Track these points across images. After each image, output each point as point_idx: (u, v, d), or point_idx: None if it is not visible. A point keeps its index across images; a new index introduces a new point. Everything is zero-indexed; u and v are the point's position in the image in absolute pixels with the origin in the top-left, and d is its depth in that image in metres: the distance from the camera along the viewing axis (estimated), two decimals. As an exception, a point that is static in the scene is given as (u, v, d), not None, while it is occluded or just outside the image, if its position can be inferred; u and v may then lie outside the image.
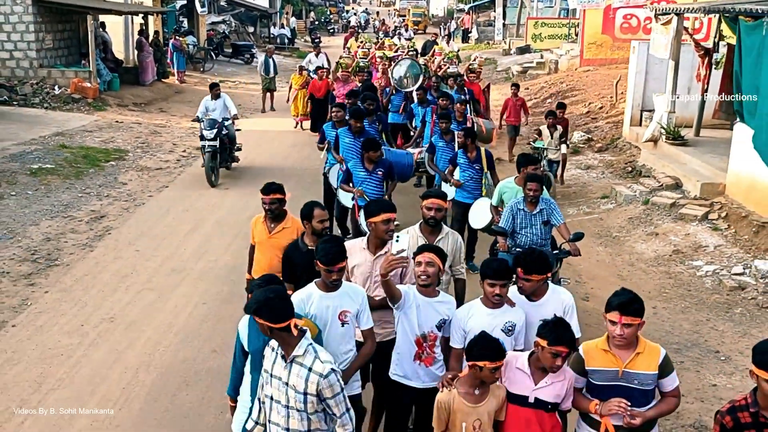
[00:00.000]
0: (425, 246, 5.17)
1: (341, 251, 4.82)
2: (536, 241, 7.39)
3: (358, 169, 8.85)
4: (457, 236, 6.16)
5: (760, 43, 10.24)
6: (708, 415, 6.54)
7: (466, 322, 4.90)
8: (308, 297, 4.89)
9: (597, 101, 20.24)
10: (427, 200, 6.05)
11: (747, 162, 10.80)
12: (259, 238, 6.61)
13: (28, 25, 20.38)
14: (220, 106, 14.33)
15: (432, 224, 6.01)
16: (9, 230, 10.94)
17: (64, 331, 8.01)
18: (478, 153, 9.57)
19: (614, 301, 4.26)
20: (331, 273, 4.78)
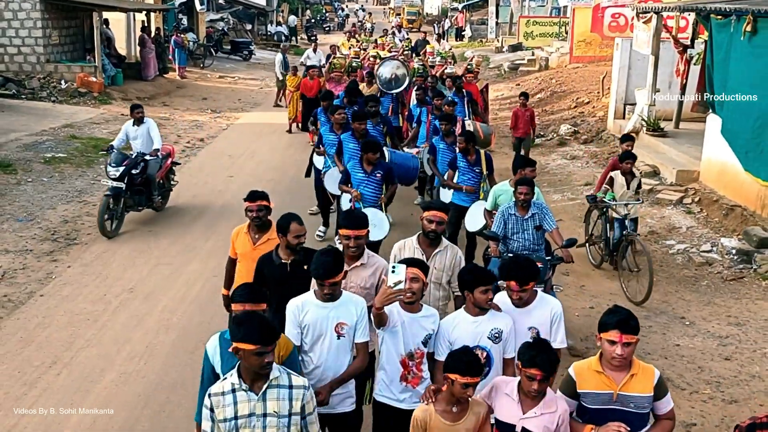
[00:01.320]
0: (408, 260, 4.88)
1: (336, 266, 4.66)
2: (529, 246, 7.24)
3: (357, 170, 8.69)
4: (456, 250, 5.92)
5: (729, 40, 11.06)
6: (670, 369, 7.34)
7: (451, 332, 4.78)
8: (303, 305, 4.76)
9: (584, 96, 21.06)
10: (429, 212, 5.78)
11: (718, 150, 11.61)
12: (242, 250, 6.36)
13: (36, 21, 21.11)
14: (143, 134, 11.47)
15: (432, 237, 5.78)
16: (28, 213, 11.68)
17: (89, 300, 8.78)
18: (477, 156, 9.31)
19: (612, 319, 4.07)
20: (323, 287, 4.67)
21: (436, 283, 5.78)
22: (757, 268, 9.46)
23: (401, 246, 5.90)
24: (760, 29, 10.21)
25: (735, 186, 11.14)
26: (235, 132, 19.16)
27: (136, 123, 11.53)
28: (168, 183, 12.18)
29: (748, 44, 10.48)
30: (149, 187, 11.33)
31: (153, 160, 11.34)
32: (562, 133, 17.40)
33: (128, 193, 10.93)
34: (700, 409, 6.68)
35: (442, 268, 5.78)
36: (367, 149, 8.60)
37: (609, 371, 4.14)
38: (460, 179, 9.35)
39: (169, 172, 12.15)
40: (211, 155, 16.38)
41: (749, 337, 7.97)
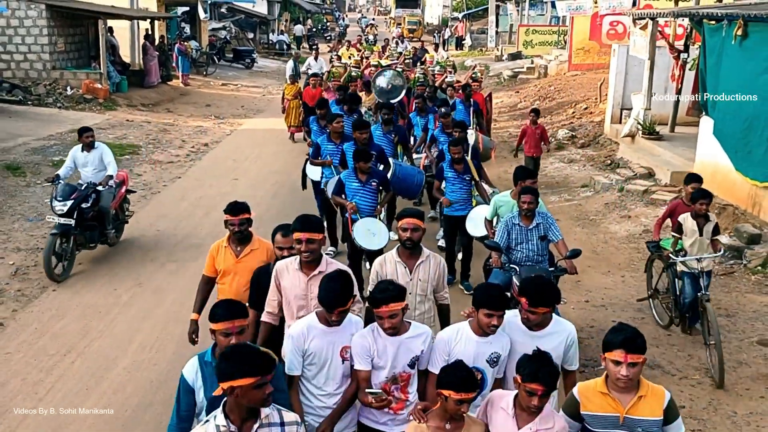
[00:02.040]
0: (386, 298, 4.38)
1: (345, 293, 4.40)
2: (532, 257, 7.04)
3: (351, 179, 8.45)
4: (439, 259, 5.72)
5: (721, 44, 11.38)
6: (661, 357, 7.64)
7: (452, 347, 4.53)
8: (308, 331, 4.52)
9: (583, 102, 21.39)
10: (402, 220, 5.61)
11: (711, 152, 11.90)
12: (224, 266, 6.05)
13: (42, 29, 21.48)
14: (95, 160, 10.03)
15: (409, 246, 5.57)
16: (38, 213, 11.98)
17: (100, 294, 9.08)
18: (465, 164, 9.23)
19: (616, 338, 3.85)
20: (330, 314, 4.41)
21: (421, 295, 5.63)
22: (747, 263, 9.75)
23: (381, 261, 5.67)
24: (750, 33, 10.53)
25: (727, 186, 11.44)
26: (238, 137, 19.48)
27: (85, 148, 10.02)
28: (122, 214, 10.85)
29: (738, 48, 10.80)
30: (102, 221, 9.97)
31: (106, 190, 9.95)
32: (560, 137, 17.72)
33: (78, 230, 9.61)
34: (689, 393, 6.96)
35: (426, 279, 5.60)
36: (358, 158, 8.38)
37: (615, 393, 3.91)
38: (449, 189, 9.20)
39: (123, 202, 10.82)
40: (215, 159, 16.71)
41: (738, 327, 8.25)
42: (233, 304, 4.31)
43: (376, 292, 4.43)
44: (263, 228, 11.32)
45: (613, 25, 26.31)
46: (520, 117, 22.10)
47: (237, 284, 5.92)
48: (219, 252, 6.11)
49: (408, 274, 5.56)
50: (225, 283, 6.06)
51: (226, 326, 4.13)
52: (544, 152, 14.13)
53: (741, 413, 6.61)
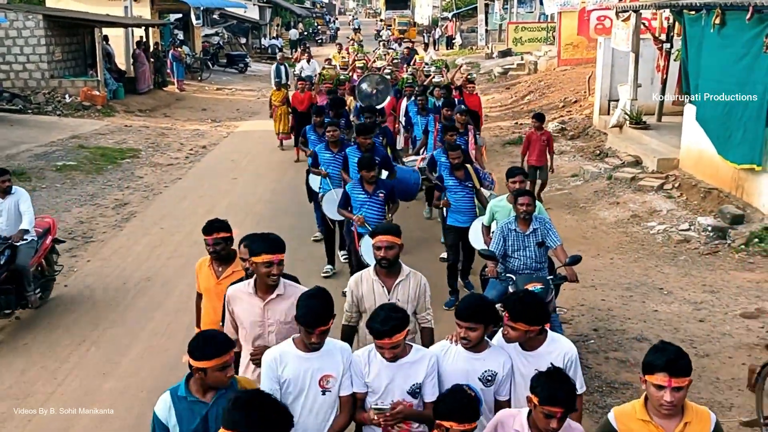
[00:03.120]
0: (392, 329, 4.05)
1: (327, 310, 4.10)
2: (531, 264, 6.73)
3: (357, 191, 8.01)
4: (420, 277, 5.28)
5: (701, 33, 11.80)
6: (648, 331, 8.01)
7: (441, 362, 4.29)
8: (281, 357, 4.16)
9: (572, 96, 21.82)
10: (375, 238, 5.20)
11: (696, 138, 12.30)
12: (205, 285, 5.83)
13: (40, 38, 21.84)
14: (11, 208, 8.39)
15: (385, 265, 5.15)
16: (45, 215, 12.34)
17: (110, 288, 9.45)
18: (466, 171, 8.66)
19: (659, 359, 3.49)
20: (310, 335, 4.06)
21: None
22: (731, 243, 10.16)
23: (357, 280, 5.28)
24: (727, 21, 10.94)
25: (711, 170, 11.84)
26: (236, 139, 19.85)
27: (1, 195, 8.32)
28: (50, 269, 9.04)
29: (717, 36, 11.22)
30: (21, 281, 8.23)
31: (24, 245, 8.27)
32: (550, 130, 18.07)
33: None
34: (675, 362, 7.33)
35: (405, 299, 5.15)
36: (361, 167, 7.98)
37: (658, 419, 3.56)
38: (451, 198, 8.63)
39: (50, 253, 9.10)
40: (214, 160, 17.08)
41: (722, 302, 8.65)
42: (210, 339, 3.83)
43: (377, 322, 4.06)
44: (263, 224, 11.81)
45: (600, 19, 26.50)
46: (510, 113, 22.54)
47: (216, 308, 5.51)
48: (201, 269, 5.89)
49: (386, 294, 5.14)
50: (207, 304, 5.84)
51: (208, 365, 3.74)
52: (550, 163, 12.51)
53: (723, 379, 7.00)
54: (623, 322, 8.25)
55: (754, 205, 10.66)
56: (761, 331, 7.88)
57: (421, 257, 9.83)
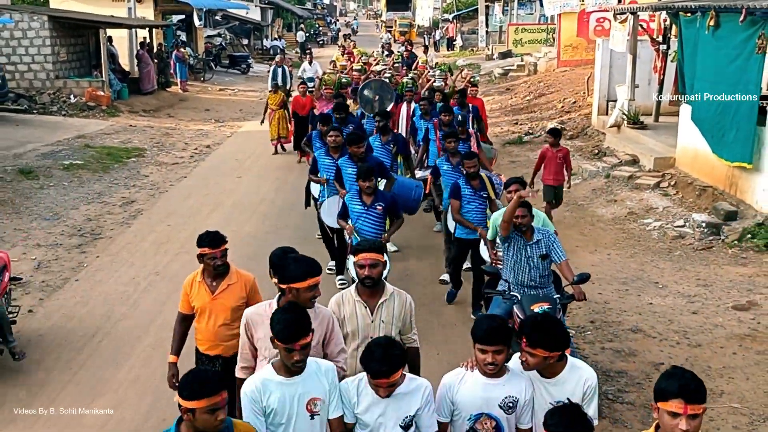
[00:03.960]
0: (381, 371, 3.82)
1: (305, 321, 3.88)
2: (535, 277, 6.42)
3: (355, 201, 7.74)
4: (405, 297, 5.02)
5: (696, 34, 12.07)
6: (644, 323, 8.29)
7: (456, 391, 4.06)
8: (264, 386, 3.94)
9: (571, 97, 22.09)
10: (358, 256, 4.90)
11: (691, 137, 12.57)
12: (199, 303, 5.48)
13: (45, 39, 22.08)
14: None
15: (369, 285, 4.87)
16: (54, 213, 12.60)
17: (120, 282, 9.70)
18: (481, 180, 8.36)
19: (672, 385, 3.31)
20: (292, 352, 3.81)
21: None
22: (725, 238, 10.43)
23: (339, 301, 4.98)
24: (722, 23, 11.20)
25: (706, 169, 12.10)
26: (239, 139, 20.11)
27: None
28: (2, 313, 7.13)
29: (712, 38, 11.48)
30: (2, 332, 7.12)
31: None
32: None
33: None
34: (668, 352, 7.61)
35: (390, 320, 4.93)
36: (357, 177, 7.72)
37: None
38: (465, 209, 8.29)
39: (6, 296, 7.61)
40: (218, 159, 17.35)
41: (715, 295, 8.92)
42: (200, 377, 3.56)
43: (374, 360, 3.81)
44: (268, 222, 12.09)
45: (599, 21, 26.87)
46: (511, 113, 22.80)
47: (214, 324, 5.42)
48: (193, 287, 5.54)
49: (369, 316, 4.91)
50: (201, 323, 5.53)
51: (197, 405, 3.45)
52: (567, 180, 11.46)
53: (715, 367, 7.26)
54: (619, 314, 8.51)
55: (747, 202, 10.93)
56: (752, 323, 8.15)
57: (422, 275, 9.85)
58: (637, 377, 7.14)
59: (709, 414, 6.42)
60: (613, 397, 6.77)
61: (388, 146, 10.44)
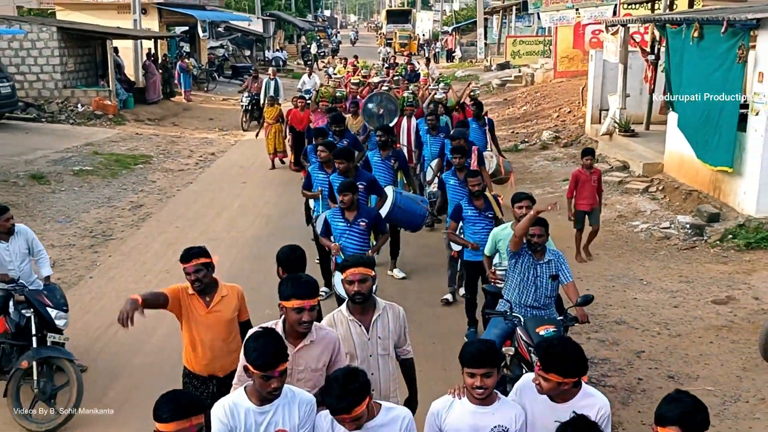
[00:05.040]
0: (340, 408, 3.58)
1: (282, 346, 3.75)
2: (540, 298, 6.25)
3: (337, 218, 7.50)
4: (398, 309, 4.90)
5: (682, 45, 12.62)
6: (627, 315, 8.80)
7: (444, 418, 3.94)
8: (232, 410, 3.82)
9: (566, 106, 22.67)
10: (346, 272, 4.72)
11: (678, 144, 13.11)
12: (194, 316, 5.26)
13: (53, 50, 22.67)
14: (19, 250, 7.26)
15: (359, 301, 4.71)
16: (66, 216, 13.12)
17: (132, 280, 10.21)
18: (486, 200, 8.06)
19: (672, 411, 3.27)
20: (269, 380, 3.69)
21: (383, 355, 4.82)
22: (708, 239, 10.95)
23: (331, 322, 4.83)
24: (705, 34, 11.76)
25: (692, 173, 12.64)
26: (243, 147, 20.64)
27: (4, 236, 7.16)
28: None
29: (696, 48, 12.04)
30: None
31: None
32: (544, 138, 18.96)
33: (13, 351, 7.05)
34: (650, 341, 8.12)
35: (386, 335, 4.82)
36: (339, 191, 7.49)
37: None
38: (469, 230, 8.00)
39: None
40: (223, 166, 17.89)
41: (696, 291, 9.43)
42: (179, 399, 3.49)
43: (332, 397, 3.59)
44: (274, 223, 12.60)
45: (595, 33, 27.47)
46: (509, 122, 23.33)
47: (211, 339, 5.24)
48: (184, 297, 5.27)
49: (365, 333, 4.77)
50: (194, 337, 5.31)
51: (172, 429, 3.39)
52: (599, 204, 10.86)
53: (692, 354, 7.77)
54: (605, 308, 9.02)
55: (729, 204, 11.46)
56: (729, 315, 8.66)
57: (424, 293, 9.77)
58: (619, 363, 7.64)
59: (684, 396, 6.94)
60: (597, 381, 7.26)
61: (388, 161, 10.27)
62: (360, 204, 7.63)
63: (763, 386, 7.08)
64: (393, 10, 79.03)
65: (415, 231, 9.98)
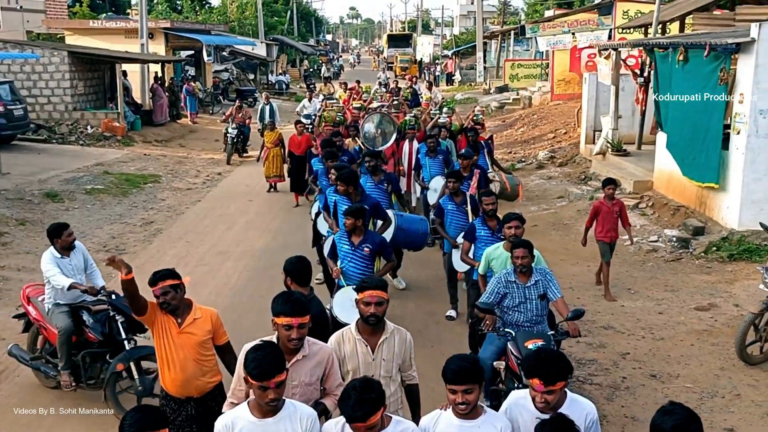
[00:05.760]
0: (356, 417, 3.71)
1: (279, 358, 3.89)
2: (531, 317, 6.38)
3: (343, 241, 7.51)
4: (404, 333, 5.01)
5: (669, 68, 13.25)
6: (615, 321, 9.35)
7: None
8: (234, 423, 3.95)
9: (562, 128, 23.31)
10: (364, 293, 4.82)
11: (667, 162, 13.69)
12: (165, 334, 5.29)
13: (64, 73, 23.38)
14: (79, 264, 7.56)
15: (373, 323, 4.84)
16: (81, 232, 13.64)
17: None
18: (499, 220, 7.93)
19: (666, 423, 3.42)
20: (266, 390, 3.82)
21: (386, 377, 4.89)
22: (693, 251, 11.51)
23: (339, 339, 4.95)
24: (690, 58, 12.38)
25: (680, 190, 13.22)
26: (249, 166, 21.18)
27: (63, 252, 7.36)
28: None
29: (682, 71, 12.66)
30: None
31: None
32: (540, 158, 19.58)
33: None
34: (635, 344, 8.66)
35: (390, 358, 4.93)
36: (347, 214, 7.48)
37: None
38: (482, 251, 7.72)
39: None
40: (230, 185, 18.50)
41: (680, 299, 9.97)
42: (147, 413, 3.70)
43: (349, 406, 3.73)
44: (281, 237, 13.15)
45: (591, 57, 28.04)
46: (507, 144, 23.95)
47: (183, 359, 5.24)
48: (159, 313, 5.34)
49: (370, 354, 4.89)
50: (168, 355, 5.29)
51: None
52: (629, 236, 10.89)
53: (674, 356, 8.31)
54: (593, 314, 9.56)
55: (714, 218, 12.03)
56: (711, 321, 9.21)
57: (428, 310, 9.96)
58: (605, 364, 8.18)
59: (665, 393, 7.49)
60: (584, 380, 7.80)
61: (381, 186, 10.23)
62: (367, 230, 7.65)
63: (739, 383, 7.62)
64: (394, 35, 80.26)
65: (417, 250, 10.13)
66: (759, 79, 10.90)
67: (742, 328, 7.89)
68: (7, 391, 7.72)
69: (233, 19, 52.39)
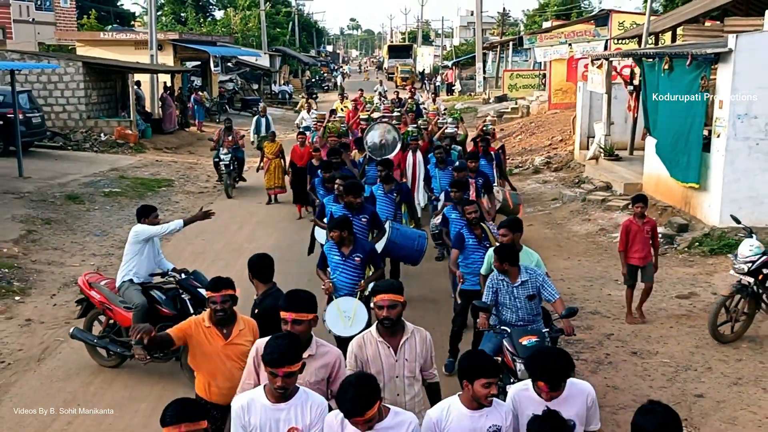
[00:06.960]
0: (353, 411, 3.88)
1: (293, 351, 4.07)
2: (523, 316, 6.57)
3: (333, 252, 7.39)
4: (425, 334, 5.13)
5: (656, 77, 14.13)
6: (602, 308, 10.18)
7: (444, 427, 4.22)
8: (249, 405, 4.18)
9: (558, 135, 24.19)
10: (377, 297, 4.97)
11: (655, 165, 14.56)
12: (210, 348, 5.30)
13: (79, 83, 24.30)
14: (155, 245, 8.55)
15: (388, 326, 4.97)
16: (102, 230, 14.55)
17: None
18: (483, 229, 8.23)
19: (648, 423, 3.49)
20: (275, 377, 4.03)
21: (410, 377, 5.05)
22: (677, 246, 12.36)
23: (360, 343, 5.07)
24: (674, 67, 13.26)
25: (667, 191, 14.08)
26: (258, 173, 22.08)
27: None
28: None
29: (667, 79, 13.55)
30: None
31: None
32: (536, 164, 20.45)
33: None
34: (618, 327, 9.49)
35: (413, 358, 5.05)
36: (332, 226, 7.54)
37: None
38: (470, 259, 8.10)
39: None
40: (240, 188, 19.31)
41: (663, 288, 10.80)
42: (185, 405, 3.89)
43: (346, 401, 3.88)
44: (288, 236, 13.95)
45: (587, 67, 29.10)
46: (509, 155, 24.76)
47: (230, 370, 5.28)
48: (199, 332, 5.31)
49: (393, 355, 5.01)
50: (210, 367, 5.34)
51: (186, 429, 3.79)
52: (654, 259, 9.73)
53: (654, 336, 9.15)
54: (582, 302, 10.38)
55: (697, 216, 12.89)
56: (690, 307, 10.06)
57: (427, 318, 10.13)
58: (591, 343, 9.01)
59: (644, 366, 8.34)
60: (572, 356, 8.61)
61: (391, 195, 10.30)
62: (357, 239, 7.55)
63: (711, 359, 8.46)
64: (394, 46, 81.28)
65: (413, 265, 10.00)
66: (736, 87, 11.79)
67: (714, 309, 8.73)
68: (52, 365, 8.59)
69: (237, 31, 53.45)
